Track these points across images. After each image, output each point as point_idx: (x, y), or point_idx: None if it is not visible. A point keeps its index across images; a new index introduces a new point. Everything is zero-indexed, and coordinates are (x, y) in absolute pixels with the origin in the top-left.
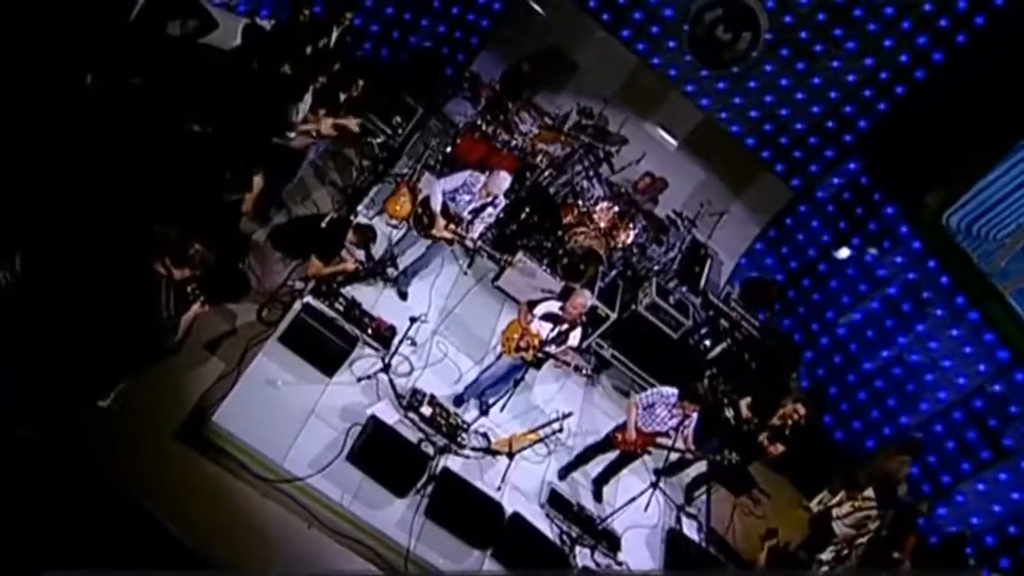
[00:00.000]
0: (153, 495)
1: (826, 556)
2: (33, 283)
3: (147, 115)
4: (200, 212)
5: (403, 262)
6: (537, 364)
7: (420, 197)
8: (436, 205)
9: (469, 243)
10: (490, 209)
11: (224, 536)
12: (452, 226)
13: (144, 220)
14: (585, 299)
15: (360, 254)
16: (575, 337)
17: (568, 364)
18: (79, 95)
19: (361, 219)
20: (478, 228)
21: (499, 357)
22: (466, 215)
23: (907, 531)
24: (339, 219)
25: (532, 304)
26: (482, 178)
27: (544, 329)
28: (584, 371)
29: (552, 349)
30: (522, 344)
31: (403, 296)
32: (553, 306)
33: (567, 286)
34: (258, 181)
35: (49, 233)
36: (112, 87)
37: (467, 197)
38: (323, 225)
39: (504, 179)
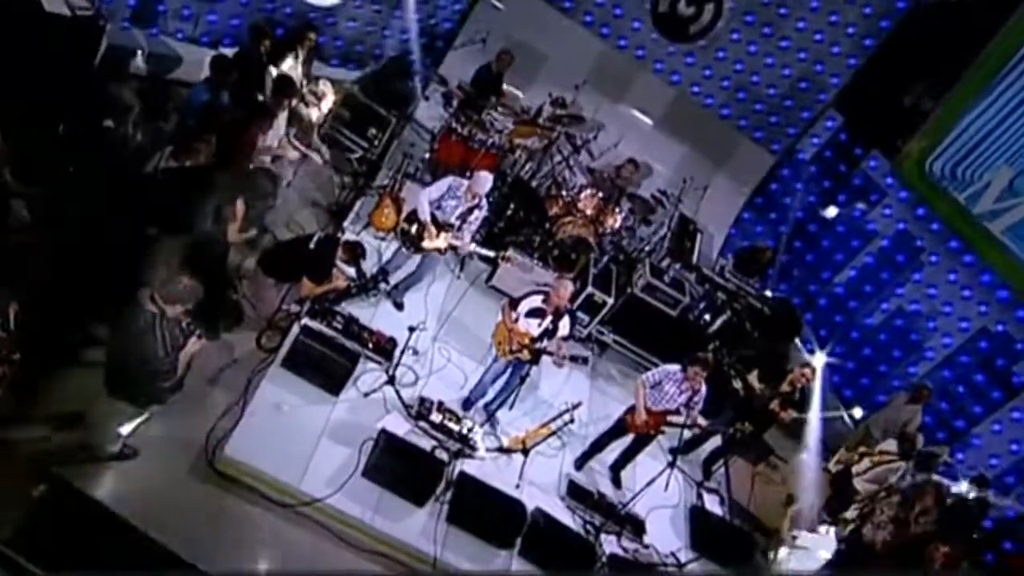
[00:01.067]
0: (176, 535)
1: (850, 514)
2: (29, 336)
3: (121, 157)
4: (185, 246)
5: (397, 277)
6: (535, 360)
7: (405, 211)
8: (425, 215)
9: (464, 251)
10: (476, 212)
11: (252, 566)
12: (445, 234)
13: (130, 260)
14: (566, 288)
15: (351, 271)
16: (564, 326)
17: (563, 359)
18: (51, 145)
19: (348, 235)
20: (467, 233)
21: (496, 359)
22: (454, 220)
23: (926, 480)
24: (327, 238)
25: (514, 303)
26: (465, 182)
27: (531, 326)
28: (581, 360)
29: (544, 344)
30: (514, 347)
31: (399, 307)
32: (536, 300)
33: (560, 278)
34: (240, 209)
35: (39, 284)
36: (84, 135)
37: (453, 203)
38: (312, 246)
39: (486, 179)
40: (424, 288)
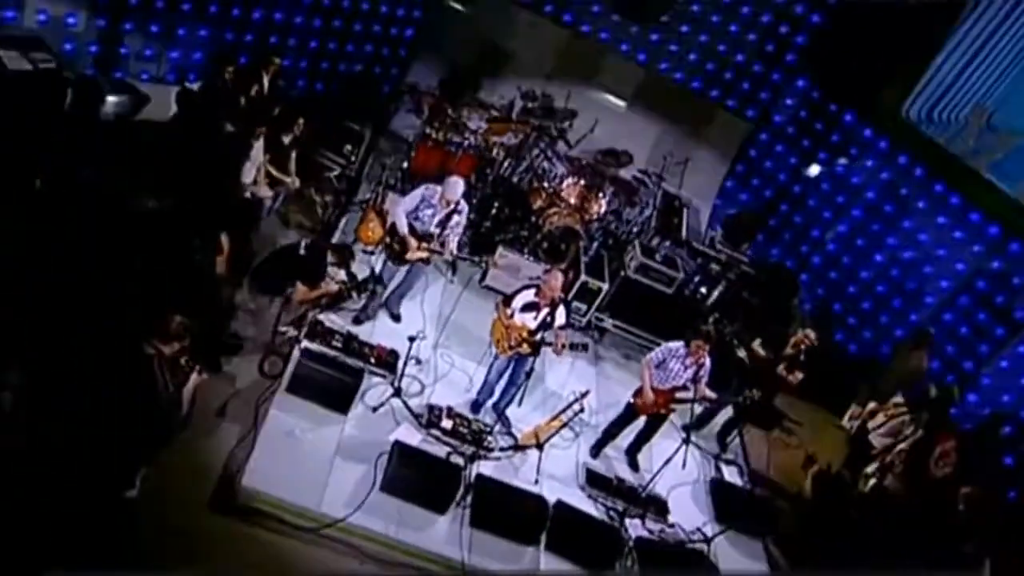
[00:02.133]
0: (203, 572)
1: (870, 469)
2: (35, 398)
3: (102, 204)
4: (174, 284)
5: (388, 288)
6: (536, 352)
7: (387, 225)
8: (403, 228)
9: (448, 257)
10: (456, 217)
11: None
12: (425, 244)
13: (123, 307)
14: (557, 279)
15: (342, 275)
16: (560, 316)
17: (563, 349)
18: (32, 199)
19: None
20: (452, 239)
21: (496, 358)
22: (434, 229)
23: (942, 425)
24: (315, 243)
25: (508, 300)
26: (438, 189)
27: (527, 319)
28: (581, 347)
29: (543, 336)
30: (512, 342)
31: (396, 319)
32: (529, 295)
33: (551, 269)
34: (225, 241)
35: (35, 343)
36: (62, 186)
37: (430, 211)
38: (302, 252)
39: (457, 183)
40: (419, 296)
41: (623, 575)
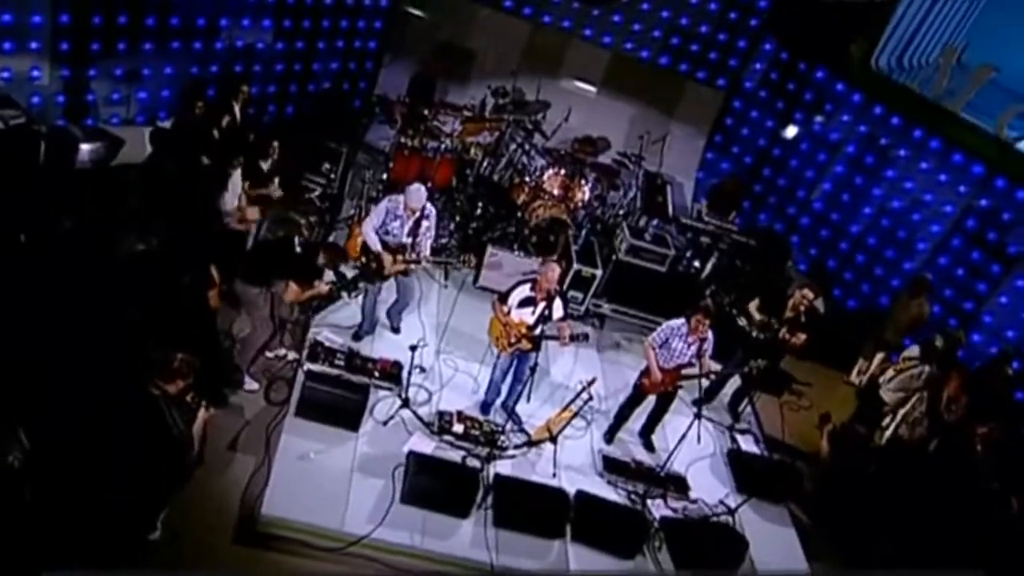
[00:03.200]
0: None
1: (885, 423)
2: (43, 454)
3: (89, 252)
4: (171, 323)
5: (385, 303)
6: (536, 347)
7: (359, 245)
8: (375, 245)
9: (425, 263)
10: (425, 223)
11: None
12: (400, 257)
13: (122, 351)
14: (553, 271)
15: (330, 275)
16: (558, 308)
17: (566, 341)
18: (17, 254)
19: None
20: (424, 245)
21: (499, 357)
22: (406, 239)
23: (950, 369)
24: (309, 243)
25: (503, 297)
26: (400, 199)
27: (525, 315)
28: (582, 337)
29: (542, 330)
30: (512, 339)
31: (396, 331)
32: (524, 290)
33: (545, 262)
34: (215, 274)
35: (38, 398)
36: (47, 239)
37: (397, 223)
38: (298, 249)
39: (418, 189)
40: (415, 306)
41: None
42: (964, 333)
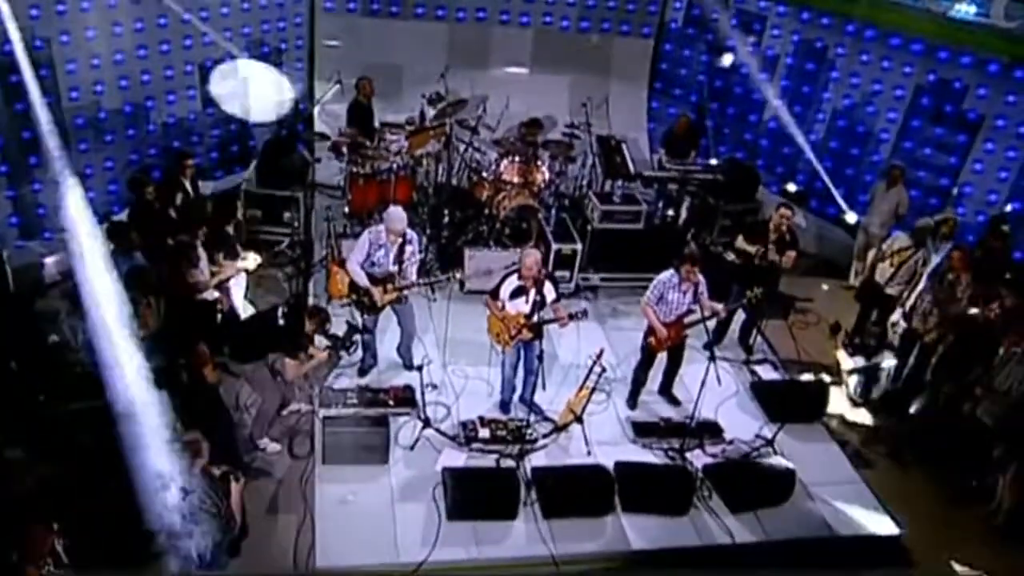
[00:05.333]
0: None
1: (895, 318)
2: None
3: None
4: (175, 406)
5: (384, 331)
6: (538, 335)
7: (348, 282)
8: (362, 281)
9: (415, 288)
10: (409, 247)
11: None
12: (390, 286)
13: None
14: (532, 257)
15: (324, 340)
16: (550, 291)
17: (566, 322)
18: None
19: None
20: (411, 269)
21: (504, 353)
22: (393, 267)
23: (947, 249)
24: (293, 307)
25: (494, 293)
26: (382, 227)
27: (520, 306)
28: (580, 315)
29: (540, 316)
30: (513, 332)
31: (409, 367)
32: (512, 281)
33: (523, 251)
34: (203, 350)
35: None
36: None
37: (382, 252)
38: (280, 320)
39: (398, 212)
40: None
41: None
42: (952, 210)
